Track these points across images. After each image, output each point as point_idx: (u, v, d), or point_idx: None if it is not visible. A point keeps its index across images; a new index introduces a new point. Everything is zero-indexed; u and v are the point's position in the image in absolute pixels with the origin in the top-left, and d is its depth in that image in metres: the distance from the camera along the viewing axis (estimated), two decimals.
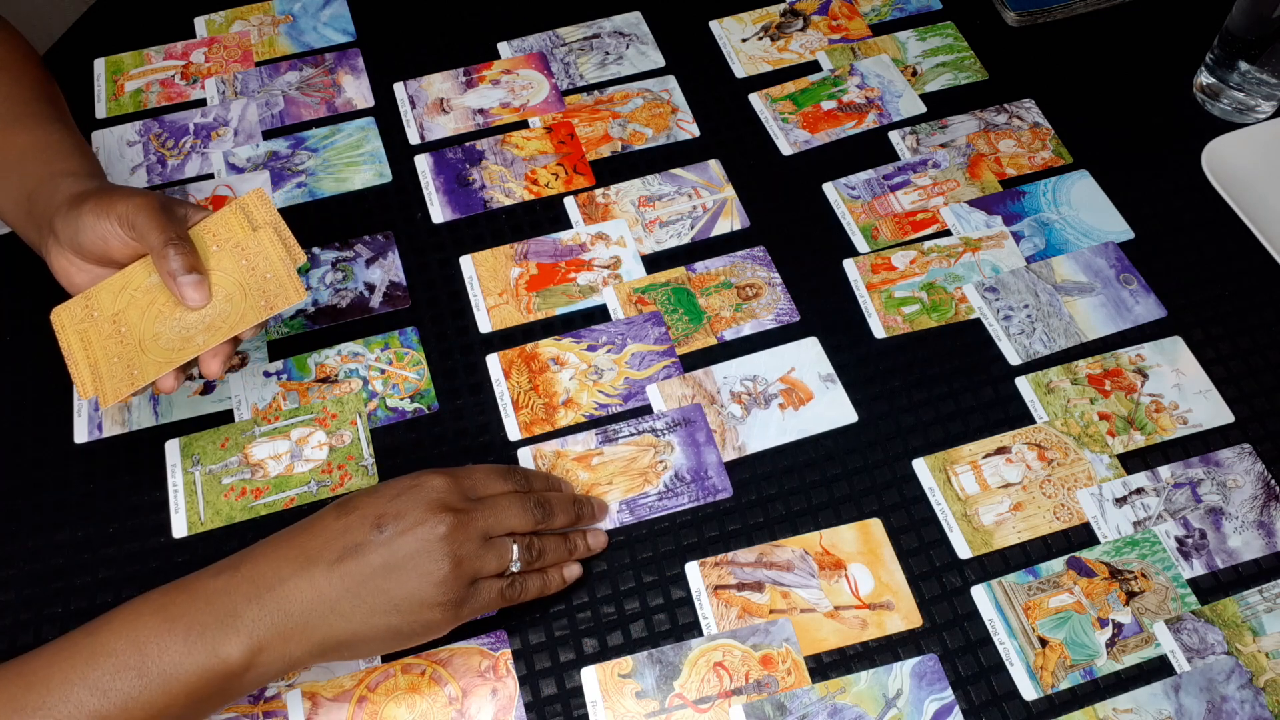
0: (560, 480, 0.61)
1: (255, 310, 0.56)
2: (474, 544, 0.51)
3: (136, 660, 0.46)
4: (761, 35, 0.84)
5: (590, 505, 0.60)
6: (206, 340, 0.55)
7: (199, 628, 0.47)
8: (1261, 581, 0.58)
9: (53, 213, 0.57)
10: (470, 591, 0.51)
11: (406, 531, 0.50)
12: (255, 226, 0.58)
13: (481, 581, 0.52)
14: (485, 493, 0.54)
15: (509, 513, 0.54)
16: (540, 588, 0.55)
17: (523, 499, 0.55)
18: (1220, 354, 0.67)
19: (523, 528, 0.54)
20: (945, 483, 0.62)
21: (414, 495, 0.51)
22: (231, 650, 0.47)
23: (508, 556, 0.53)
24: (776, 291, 0.69)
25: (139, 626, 0.47)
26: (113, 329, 0.56)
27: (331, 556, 0.49)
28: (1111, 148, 0.76)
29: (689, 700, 0.55)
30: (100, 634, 0.47)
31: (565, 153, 0.77)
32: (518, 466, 0.59)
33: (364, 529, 0.50)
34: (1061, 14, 0.85)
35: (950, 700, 0.55)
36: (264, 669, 0.48)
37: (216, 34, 0.84)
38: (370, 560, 0.49)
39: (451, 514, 0.51)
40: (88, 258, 0.57)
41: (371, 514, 0.50)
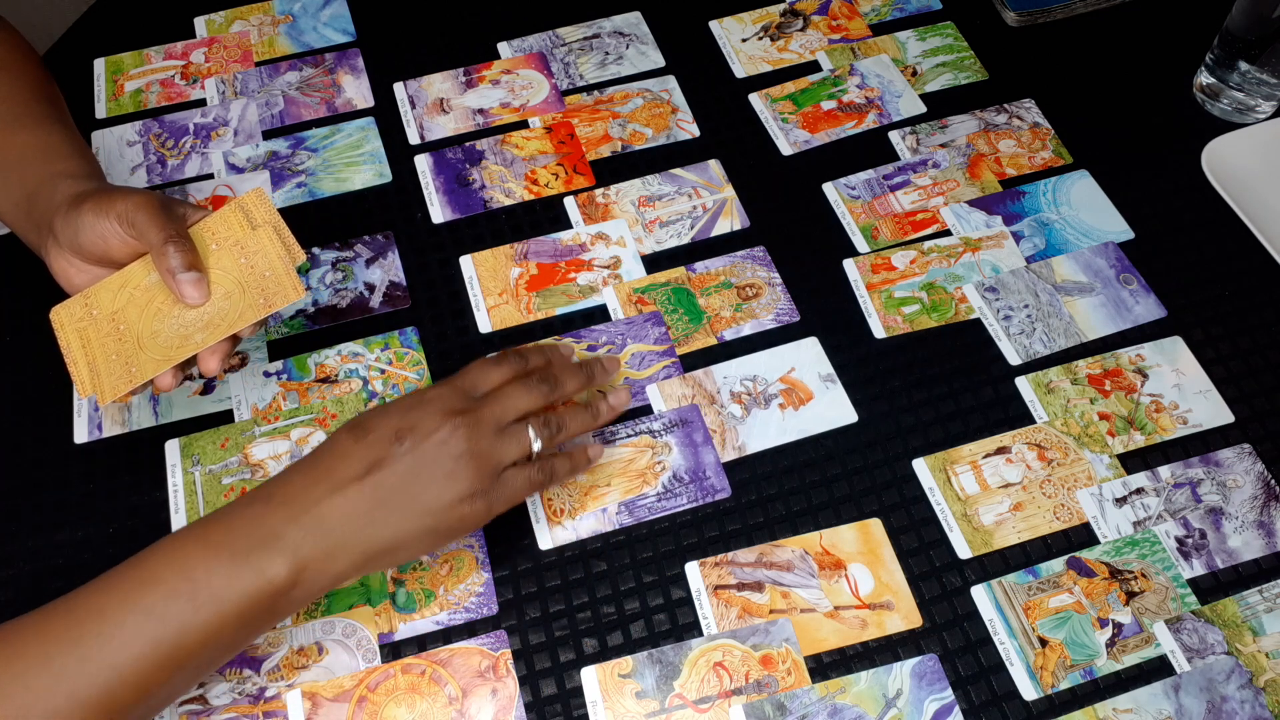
0: (558, 348, 0.61)
1: (254, 308, 0.56)
2: (489, 437, 0.53)
3: (187, 586, 0.47)
4: (761, 35, 0.84)
5: (599, 363, 0.61)
6: (205, 338, 0.55)
7: (243, 552, 0.48)
8: (1261, 581, 0.58)
9: (52, 214, 0.57)
10: (498, 483, 0.53)
11: (424, 440, 0.51)
12: (255, 225, 0.58)
13: (507, 471, 0.54)
14: (488, 386, 0.56)
15: (515, 398, 0.55)
16: (570, 469, 0.58)
17: (525, 380, 0.56)
18: (1220, 354, 0.67)
19: (534, 407, 0.56)
20: (945, 483, 0.62)
21: (424, 408, 0.53)
22: (277, 570, 0.48)
23: (526, 440, 0.54)
24: (776, 291, 0.69)
25: (184, 555, 0.49)
26: (111, 327, 0.56)
27: (359, 473, 0.51)
28: (1111, 148, 0.76)
29: (689, 700, 0.55)
30: (146, 564, 0.49)
31: (565, 153, 0.77)
32: (511, 350, 0.59)
33: (384, 444, 0.51)
34: (1061, 14, 0.85)
35: (950, 700, 0.55)
36: (309, 586, 0.50)
37: (216, 34, 0.84)
38: (396, 470, 0.51)
39: (461, 415, 0.53)
40: (87, 258, 0.57)
41: (389, 430, 0.52)
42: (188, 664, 0.48)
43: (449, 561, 0.59)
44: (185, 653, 0.47)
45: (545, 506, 0.61)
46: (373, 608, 0.57)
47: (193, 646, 0.47)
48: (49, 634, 0.46)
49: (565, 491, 0.61)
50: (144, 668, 0.46)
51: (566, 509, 0.61)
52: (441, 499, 0.51)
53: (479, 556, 0.59)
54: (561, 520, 0.60)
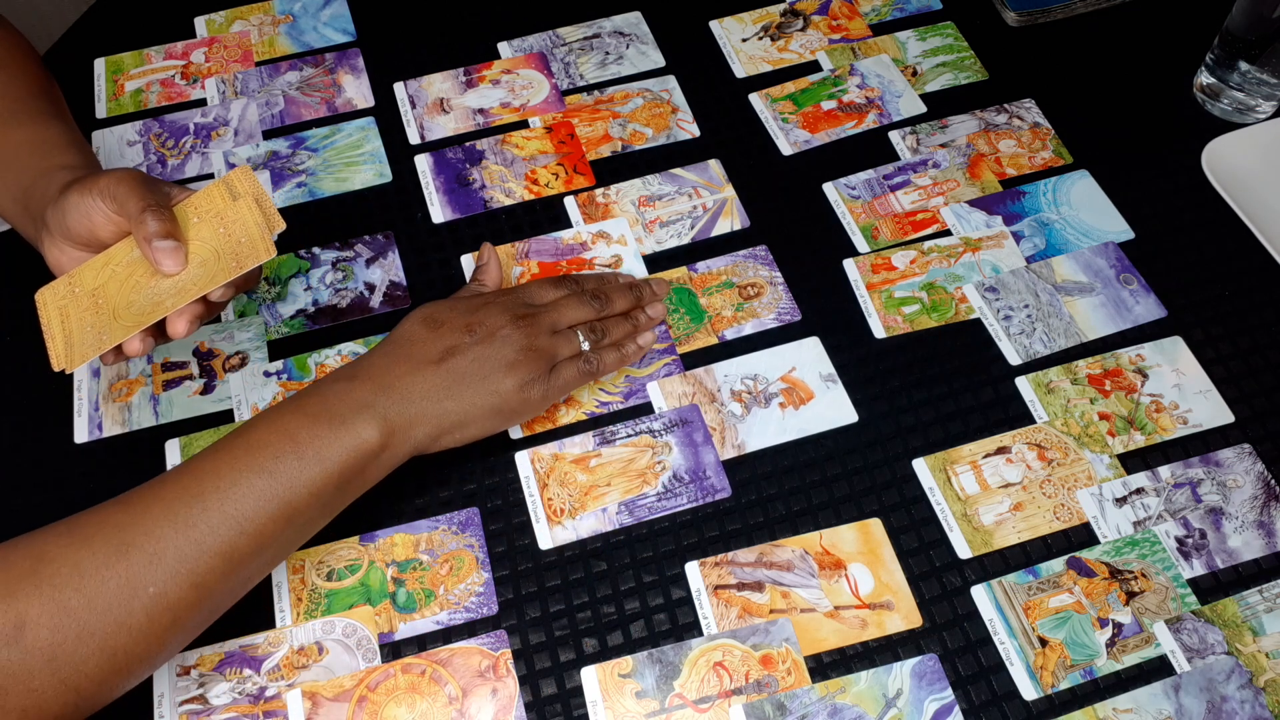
0: (613, 275, 0.68)
1: (226, 270, 0.56)
2: (544, 336, 0.61)
3: (292, 447, 0.53)
4: (761, 35, 0.84)
5: (648, 285, 0.68)
6: (175, 302, 0.55)
7: (339, 417, 0.54)
8: (1261, 581, 0.58)
9: (46, 204, 0.57)
10: (552, 373, 0.60)
11: (491, 335, 0.59)
12: (236, 197, 0.58)
13: (561, 364, 0.61)
14: (545, 299, 0.63)
15: (570, 309, 0.63)
16: (619, 359, 0.64)
17: (579, 296, 0.64)
18: (1220, 354, 0.67)
19: (585, 318, 0.64)
20: (945, 483, 0.62)
21: (489, 309, 0.61)
22: (371, 433, 0.54)
23: (575, 342, 0.62)
24: (778, 291, 0.69)
25: (286, 422, 0.54)
26: (90, 302, 0.57)
27: (435, 357, 0.58)
28: (1111, 148, 0.76)
29: (689, 700, 0.55)
30: (253, 433, 0.53)
31: (565, 153, 0.77)
32: (568, 274, 0.67)
33: (456, 335, 0.59)
34: (1061, 14, 0.85)
35: (950, 700, 0.55)
36: (395, 450, 0.56)
37: (216, 34, 0.84)
38: (467, 357, 0.58)
39: (522, 319, 0.60)
40: (75, 240, 0.57)
41: (460, 324, 0.59)
42: (296, 518, 0.53)
43: (449, 561, 0.59)
44: (294, 507, 0.52)
45: (545, 506, 0.61)
46: (373, 608, 0.57)
47: (301, 501, 0.52)
48: (170, 495, 0.51)
49: (565, 491, 0.61)
50: (260, 519, 0.51)
51: (566, 508, 0.61)
52: (504, 384, 0.58)
53: (479, 556, 0.59)
54: (561, 520, 0.60)
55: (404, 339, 0.59)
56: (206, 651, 0.56)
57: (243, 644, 0.56)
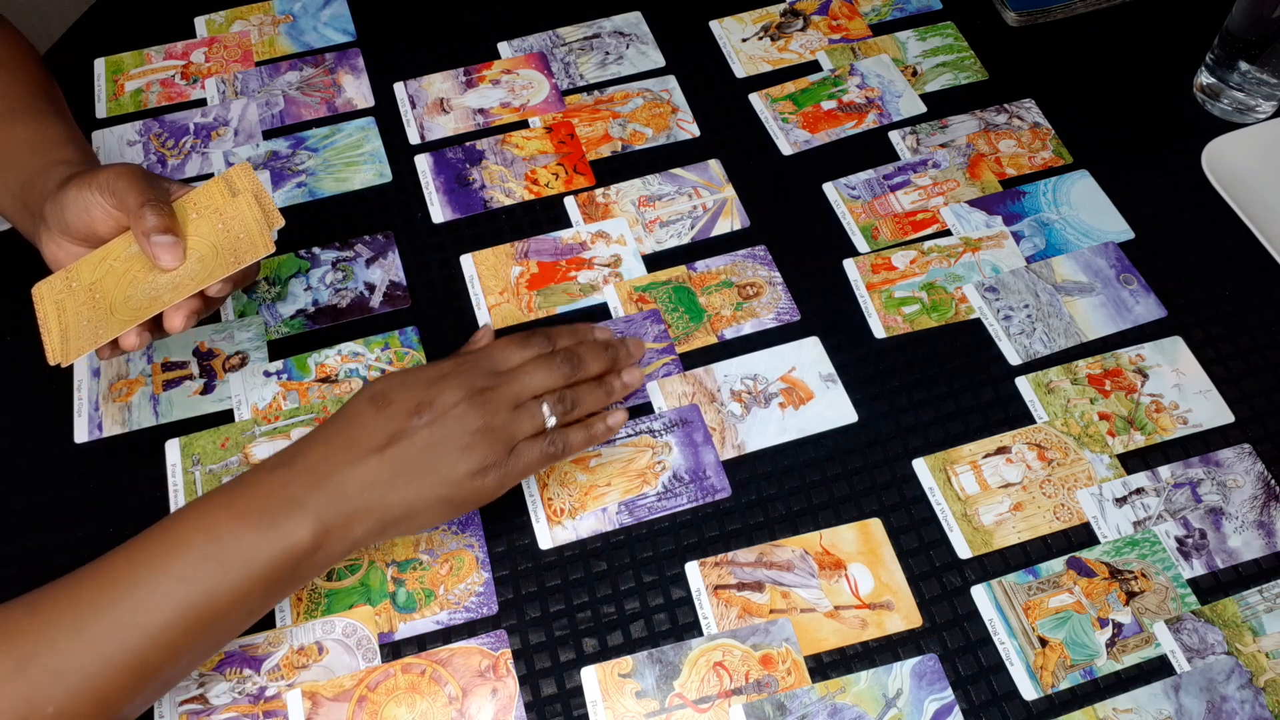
0: (590, 328, 0.64)
1: (223, 265, 0.56)
2: (504, 412, 0.55)
3: (215, 550, 0.49)
4: (761, 35, 0.84)
5: (625, 346, 0.63)
6: (172, 296, 0.55)
7: (269, 517, 0.50)
8: (1261, 581, 0.58)
9: (44, 200, 0.57)
10: (511, 456, 0.55)
11: (442, 415, 0.53)
12: (235, 193, 0.58)
13: (521, 444, 0.55)
14: (509, 365, 0.58)
15: (535, 376, 0.57)
16: (585, 439, 0.59)
17: (547, 360, 0.58)
18: (1220, 354, 0.67)
19: (553, 386, 0.58)
20: (945, 483, 0.62)
21: (444, 383, 0.55)
22: (301, 534, 0.50)
23: (540, 416, 0.56)
24: (777, 290, 0.69)
25: (211, 521, 0.50)
26: (88, 296, 0.57)
27: (379, 443, 0.52)
28: (1111, 148, 0.76)
29: (689, 700, 0.55)
30: (174, 531, 0.50)
31: (565, 153, 0.77)
32: (541, 329, 0.61)
33: (403, 417, 0.53)
34: (1061, 14, 0.85)
35: (950, 700, 0.55)
36: (331, 549, 0.51)
37: (216, 34, 0.84)
38: (414, 443, 0.53)
39: (479, 394, 0.55)
40: (74, 235, 0.57)
41: (409, 404, 0.54)
42: (216, 627, 0.49)
43: (449, 561, 0.59)
44: (214, 615, 0.49)
45: (545, 506, 0.61)
46: (373, 607, 0.57)
47: (221, 609, 0.49)
48: (80, 598, 0.47)
49: (565, 491, 0.61)
50: (174, 630, 0.48)
51: (567, 509, 0.61)
52: (457, 470, 0.53)
53: (479, 556, 0.59)
54: (562, 520, 0.60)
55: (348, 420, 0.54)
56: None
57: (243, 644, 0.56)
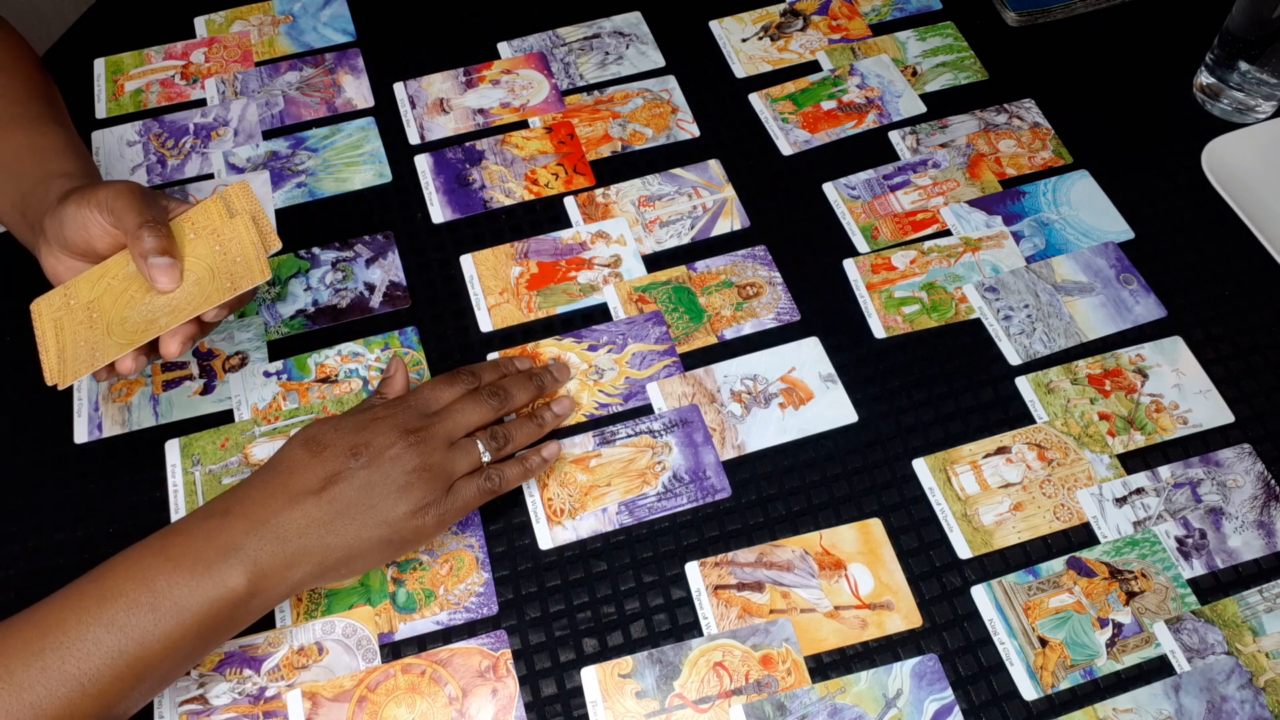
0: (514, 360, 0.64)
1: (220, 291, 0.56)
2: (440, 451, 0.55)
3: (148, 597, 0.48)
4: (761, 35, 0.84)
5: (548, 373, 0.64)
6: (168, 321, 0.55)
7: (204, 563, 0.50)
8: (1261, 581, 0.58)
9: (44, 213, 0.57)
10: (449, 494, 0.55)
11: (378, 456, 0.54)
12: (233, 214, 0.58)
13: (458, 482, 0.56)
14: (440, 404, 0.58)
15: (466, 413, 0.58)
16: (522, 473, 0.59)
17: (475, 396, 0.59)
18: (1220, 354, 0.67)
19: (484, 421, 0.59)
20: (945, 483, 0.62)
21: (377, 426, 0.55)
22: (237, 580, 0.50)
23: (475, 453, 0.57)
24: (777, 290, 0.69)
25: (144, 568, 0.49)
26: (85, 315, 0.57)
27: (315, 487, 0.52)
28: (1111, 148, 0.76)
29: (689, 700, 0.55)
30: (107, 578, 0.49)
31: (565, 153, 0.77)
32: (466, 366, 0.62)
33: (340, 460, 0.53)
34: (1061, 14, 0.85)
35: (950, 700, 0.55)
36: (268, 594, 0.51)
37: (216, 34, 0.84)
38: (352, 484, 0.53)
39: (413, 433, 0.55)
40: (72, 251, 0.57)
41: (345, 447, 0.54)
42: (148, 675, 0.49)
43: (449, 561, 0.59)
44: (146, 664, 0.48)
45: (545, 506, 0.61)
46: (373, 608, 0.57)
47: (153, 658, 0.48)
48: (9, 647, 0.47)
49: (565, 491, 0.61)
50: (105, 679, 0.47)
51: (567, 509, 0.61)
52: (395, 511, 0.53)
53: (479, 556, 0.59)
54: (561, 520, 0.60)
55: (283, 466, 0.54)
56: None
57: (243, 644, 0.56)
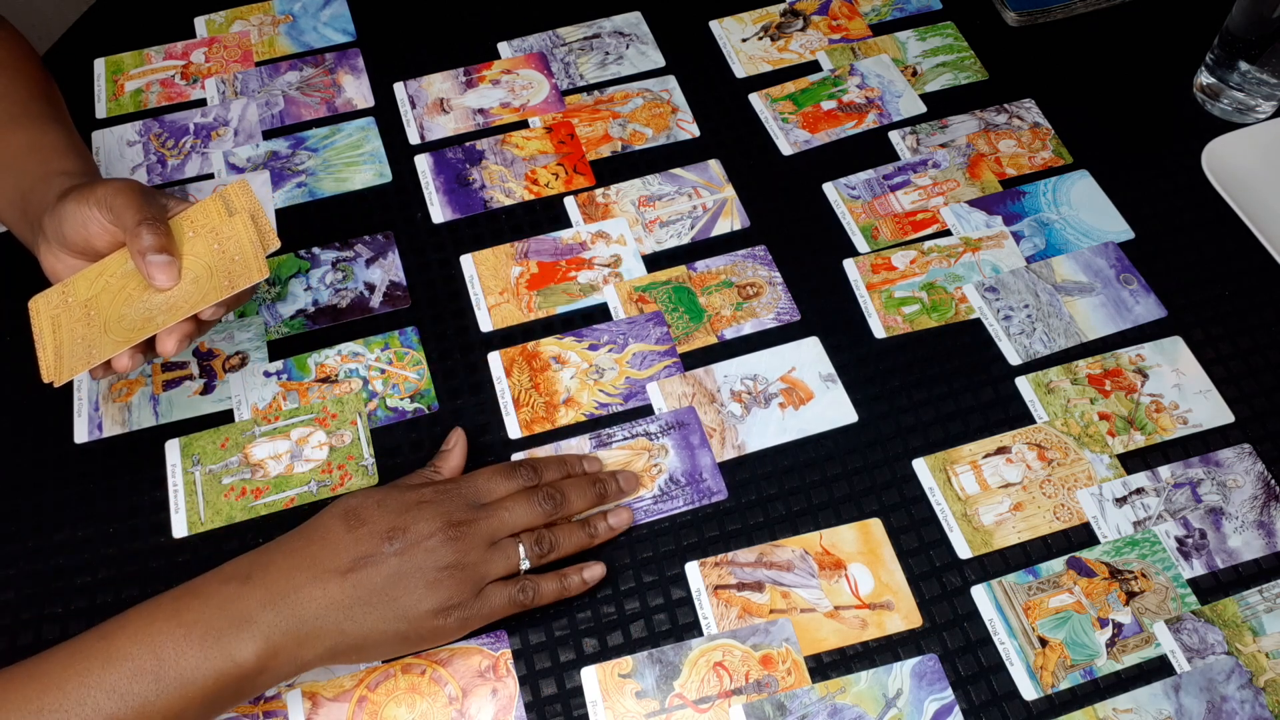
0: (581, 459, 0.60)
1: (217, 289, 0.55)
2: (478, 551, 0.53)
3: (153, 665, 0.47)
4: (761, 35, 0.84)
5: (615, 481, 0.60)
6: (166, 319, 0.55)
7: (215, 633, 0.48)
8: (1261, 581, 0.58)
9: (44, 210, 0.57)
10: (478, 598, 0.53)
11: (414, 545, 0.51)
12: (232, 212, 0.58)
13: (490, 587, 0.53)
14: (491, 497, 0.55)
15: (515, 513, 0.55)
16: (558, 591, 0.55)
17: (529, 495, 0.56)
18: (1220, 354, 0.67)
19: (532, 524, 0.55)
20: (945, 483, 0.62)
21: (421, 511, 0.53)
22: (246, 654, 0.48)
23: (515, 557, 0.54)
24: (777, 290, 0.69)
25: (154, 632, 0.48)
26: (83, 313, 0.56)
27: (343, 566, 0.50)
28: (1111, 148, 0.76)
29: (689, 700, 0.55)
30: (115, 639, 0.48)
31: (565, 153, 0.77)
32: (529, 459, 0.59)
33: (374, 541, 0.51)
34: (1061, 14, 0.85)
35: (950, 700, 0.55)
36: (276, 671, 0.49)
37: (216, 34, 0.84)
38: (381, 571, 0.51)
39: (455, 527, 0.52)
40: (71, 248, 0.57)
41: (382, 528, 0.52)
42: None
43: None
44: None
45: None
46: None
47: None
48: (8, 702, 0.46)
49: None
50: None
51: None
52: (419, 607, 0.51)
53: None
54: None
55: (317, 535, 0.52)
56: None
57: None
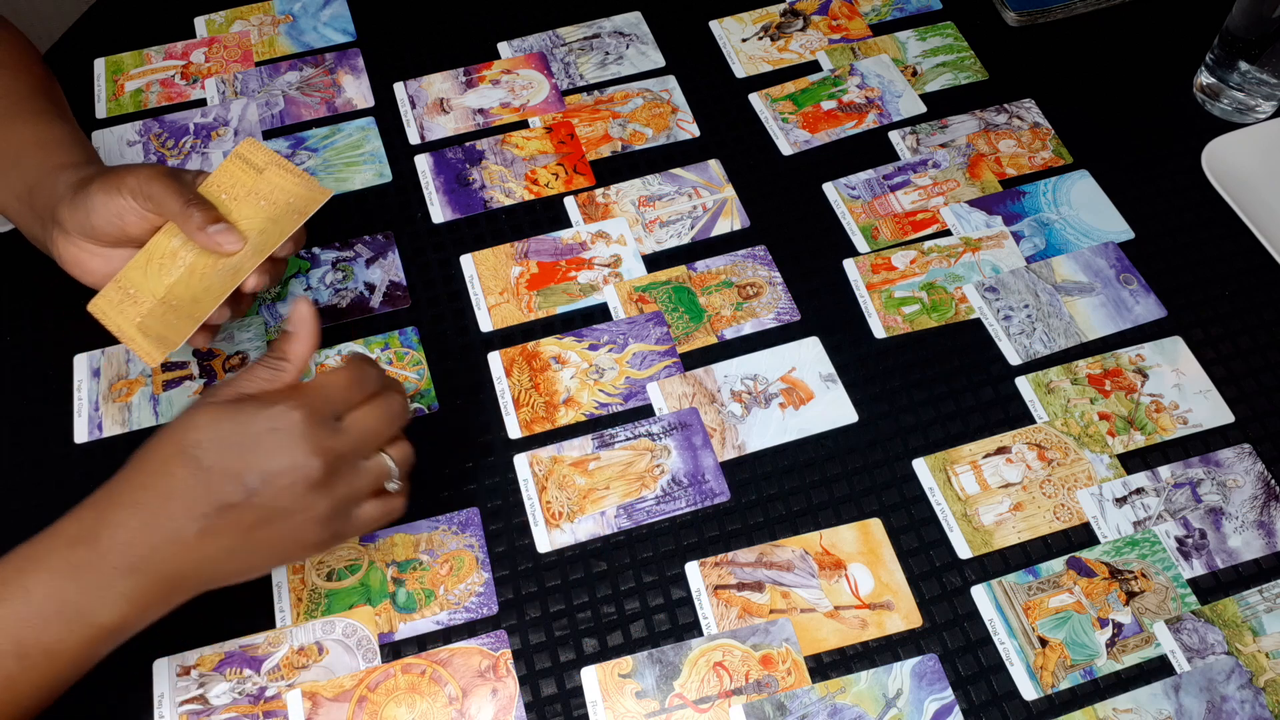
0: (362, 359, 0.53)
1: (290, 222, 0.57)
2: (346, 476, 0.49)
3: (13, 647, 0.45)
4: (761, 35, 0.84)
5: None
6: (254, 262, 0.56)
7: (73, 607, 0.46)
8: (1261, 581, 0.58)
9: (55, 204, 0.57)
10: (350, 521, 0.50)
11: (274, 484, 0.47)
12: (259, 169, 0.59)
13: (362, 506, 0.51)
14: (346, 406, 0.50)
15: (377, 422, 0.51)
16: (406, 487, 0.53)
17: (384, 399, 0.51)
18: (1220, 354, 0.67)
19: (393, 432, 0.52)
20: (945, 483, 0.62)
21: (274, 441, 0.47)
22: (112, 617, 0.46)
23: (384, 474, 0.51)
24: (777, 290, 0.69)
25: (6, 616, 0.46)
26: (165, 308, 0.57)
27: (199, 518, 0.47)
28: (1111, 148, 0.76)
29: (689, 700, 0.55)
30: None
31: (565, 153, 0.77)
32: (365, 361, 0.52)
33: (228, 487, 0.47)
34: (1061, 14, 0.85)
35: (950, 700, 0.55)
36: (150, 617, 0.48)
37: (216, 34, 0.84)
38: (243, 519, 0.47)
39: (316, 455, 0.48)
40: (102, 239, 0.57)
41: (233, 469, 0.47)
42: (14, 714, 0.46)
43: (449, 561, 0.59)
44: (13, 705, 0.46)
45: (544, 509, 0.61)
46: (373, 608, 0.57)
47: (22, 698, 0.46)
48: None
49: (564, 494, 0.61)
50: None
51: (565, 512, 0.61)
52: (291, 542, 0.49)
53: (479, 556, 0.59)
54: (560, 524, 0.60)
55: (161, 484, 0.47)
56: (207, 652, 0.56)
57: (243, 644, 0.56)
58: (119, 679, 0.55)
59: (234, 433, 0.47)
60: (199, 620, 0.57)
